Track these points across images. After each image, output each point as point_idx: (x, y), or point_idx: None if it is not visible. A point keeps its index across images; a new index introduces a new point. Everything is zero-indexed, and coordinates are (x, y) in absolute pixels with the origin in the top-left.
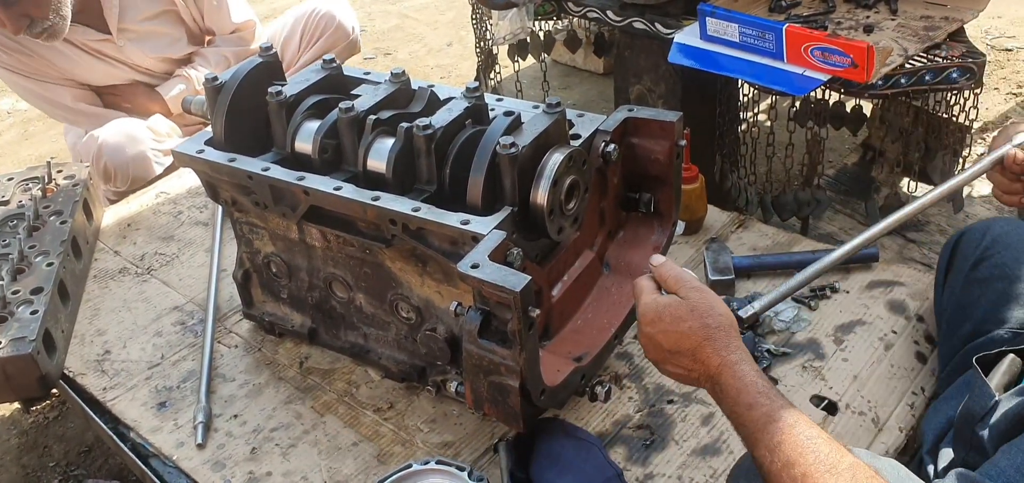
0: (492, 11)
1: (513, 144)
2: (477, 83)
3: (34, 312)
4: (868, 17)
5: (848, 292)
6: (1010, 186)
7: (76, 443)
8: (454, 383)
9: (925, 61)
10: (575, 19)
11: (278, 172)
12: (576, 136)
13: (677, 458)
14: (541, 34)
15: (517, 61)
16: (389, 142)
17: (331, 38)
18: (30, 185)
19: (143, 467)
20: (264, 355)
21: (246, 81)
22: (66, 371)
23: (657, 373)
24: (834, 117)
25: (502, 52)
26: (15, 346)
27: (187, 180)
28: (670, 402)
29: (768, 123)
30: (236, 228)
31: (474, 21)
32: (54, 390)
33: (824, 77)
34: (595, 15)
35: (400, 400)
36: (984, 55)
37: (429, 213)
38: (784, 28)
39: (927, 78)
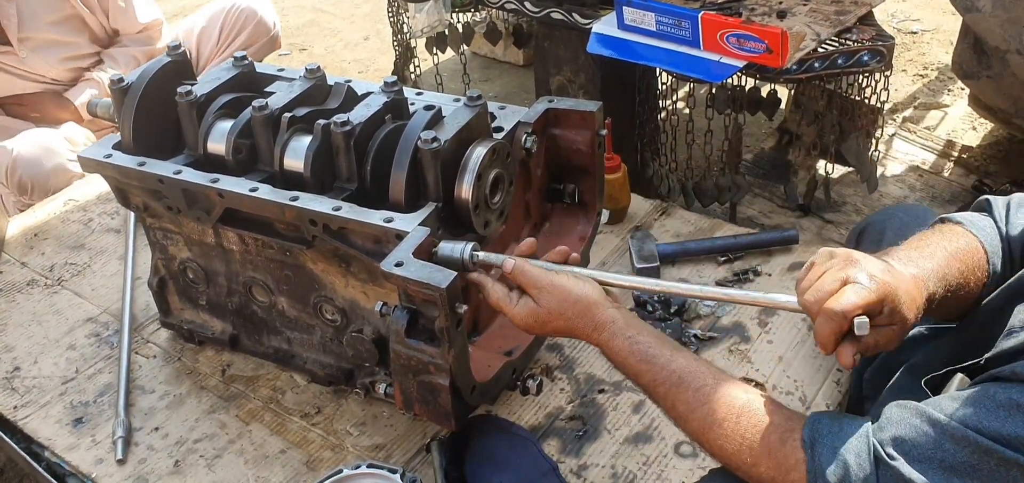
0: (409, 4)
1: (435, 139)
2: (395, 78)
3: None
4: (781, 3)
5: (770, 275)
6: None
7: None
8: (383, 385)
9: (837, 45)
10: (494, 11)
11: (190, 175)
12: (498, 129)
13: (610, 447)
14: (460, 26)
15: (436, 54)
16: (306, 140)
17: (251, 34)
18: None
19: None
20: (184, 364)
21: (154, 81)
22: None
23: (588, 364)
24: (750, 103)
25: (421, 45)
26: None
27: (96, 186)
28: (601, 391)
29: (687, 111)
30: (149, 235)
31: (391, 14)
32: None
33: (740, 63)
34: (513, 6)
35: (328, 404)
36: (893, 38)
37: (351, 212)
38: (700, 15)
39: (839, 62)
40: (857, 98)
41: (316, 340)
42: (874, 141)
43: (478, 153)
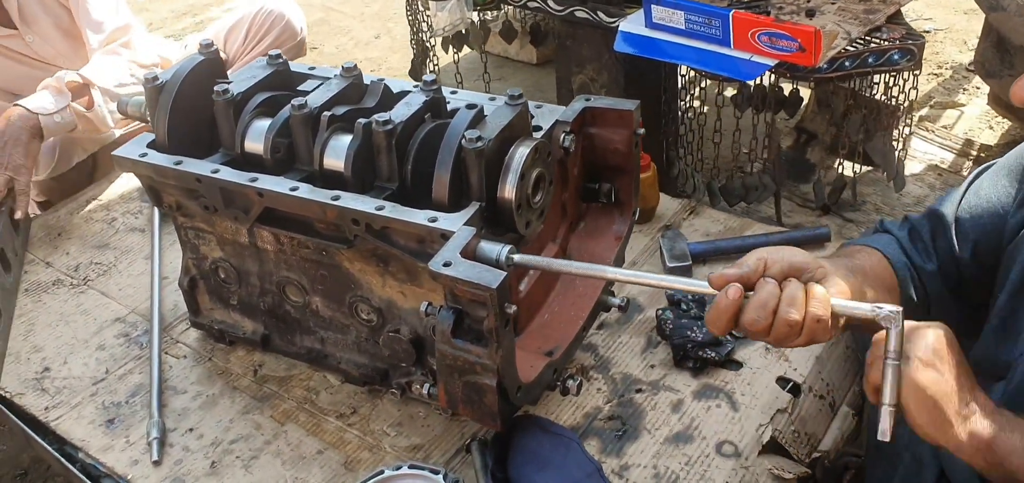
0: (430, 2)
1: (479, 138)
2: (434, 76)
3: None
4: (809, 1)
5: None
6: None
7: (10, 467)
8: (426, 385)
9: (867, 44)
10: (511, 9)
11: (228, 174)
12: (537, 128)
13: (651, 447)
14: (479, 25)
15: (456, 55)
16: (346, 139)
17: (278, 37)
18: None
19: None
20: (215, 365)
21: (188, 79)
22: (2, 391)
23: (624, 363)
24: (774, 102)
25: (436, 44)
26: None
27: (119, 186)
28: (639, 391)
29: (711, 110)
30: (181, 234)
31: (408, 13)
32: None
33: (771, 62)
34: (536, 4)
35: (363, 404)
36: (923, 37)
37: (394, 211)
38: (731, 14)
39: (870, 60)
40: (883, 97)
41: (350, 340)
42: (901, 140)
43: (521, 153)
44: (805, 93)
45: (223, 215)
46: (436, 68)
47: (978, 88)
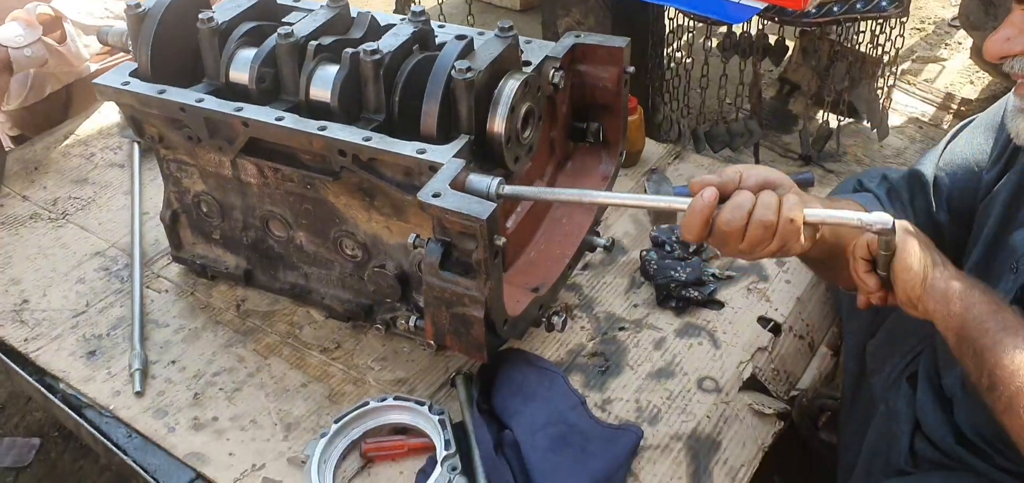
0: None
1: (470, 69)
2: (422, 8)
3: None
4: None
5: None
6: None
7: None
8: (413, 317)
9: None
10: None
11: (213, 103)
12: (526, 63)
13: (633, 382)
14: None
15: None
16: (333, 69)
17: None
18: None
19: (77, 419)
20: (198, 299)
21: (172, 8)
22: None
23: (608, 303)
24: (759, 49)
25: None
26: None
27: (97, 120)
28: (622, 329)
29: (697, 57)
30: (162, 166)
31: None
32: None
33: (760, 5)
34: None
35: (347, 339)
36: None
37: (382, 142)
38: None
39: (858, 6)
40: (868, 46)
41: (334, 275)
42: (886, 89)
43: (511, 86)
44: (790, 43)
45: (207, 146)
46: (441, 16)
47: (960, 43)
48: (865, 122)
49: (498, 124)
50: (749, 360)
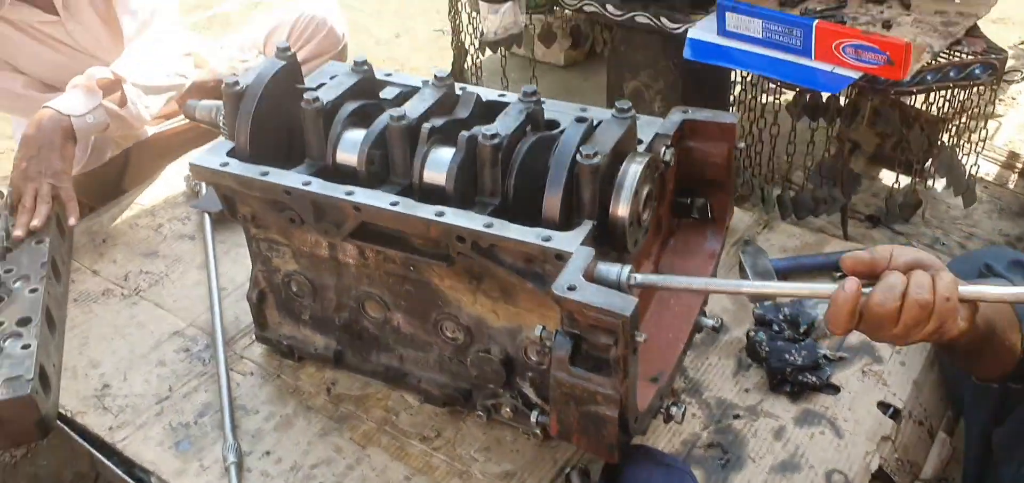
0: (481, 6)
1: (595, 154)
2: (534, 88)
3: (26, 347)
4: (882, 12)
5: None
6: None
7: None
8: (535, 413)
9: (950, 57)
10: (565, 12)
11: (322, 186)
12: (638, 141)
13: (757, 476)
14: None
15: (503, 54)
16: (447, 152)
17: (320, 44)
18: None
19: None
20: (285, 382)
21: (270, 85)
22: (63, 410)
23: (717, 387)
24: (826, 111)
25: (475, 46)
26: (10, 387)
27: (162, 189)
28: (736, 417)
29: (763, 120)
30: (251, 245)
31: (451, 15)
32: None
33: (855, 74)
34: (592, 9)
35: (447, 427)
36: (1005, 51)
37: (503, 229)
38: (814, 24)
39: (952, 74)
40: (947, 110)
41: (432, 358)
42: (975, 155)
43: (635, 169)
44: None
45: (312, 229)
46: (480, 70)
47: (1014, 98)
48: (938, 186)
49: (622, 208)
50: (875, 450)
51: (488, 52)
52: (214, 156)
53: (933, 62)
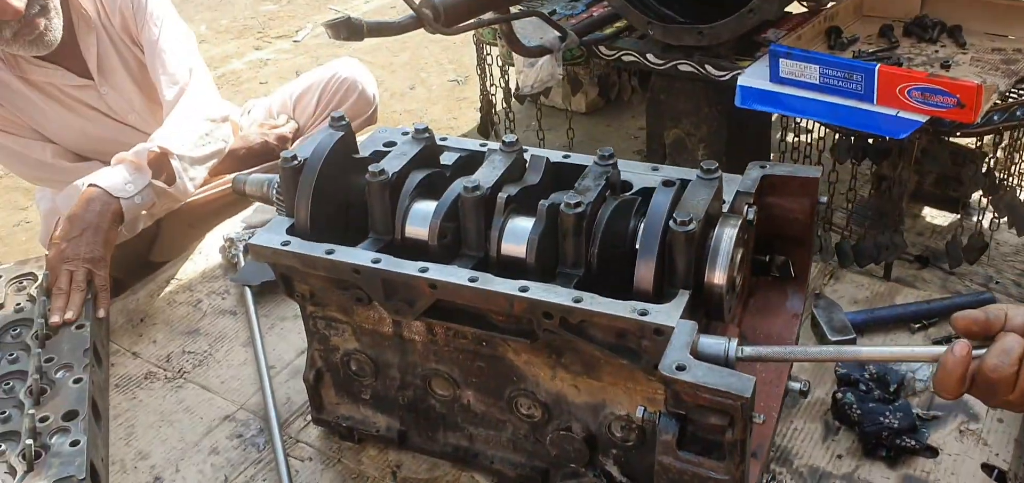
0: (517, 60)
1: (690, 220)
2: (610, 150)
3: (75, 443)
4: (937, 51)
5: None
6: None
7: None
8: None
9: (1017, 96)
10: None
11: (392, 263)
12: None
13: None
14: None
15: (538, 109)
16: (525, 222)
17: (352, 107)
18: (24, 282)
19: None
20: (347, 467)
21: (330, 158)
22: None
23: (807, 454)
24: (876, 152)
25: (501, 98)
26: None
27: (199, 263)
28: None
29: (818, 162)
30: (308, 324)
31: (479, 68)
32: None
33: (923, 118)
34: (631, 59)
35: None
36: None
37: (595, 304)
38: (877, 69)
39: (1019, 113)
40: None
41: (506, 437)
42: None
43: (729, 234)
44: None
45: (385, 308)
46: (512, 123)
47: None
48: (994, 224)
49: (718, 276)
50: None
51: (515, 102)
52: (274, 235)
53: (999, 102)
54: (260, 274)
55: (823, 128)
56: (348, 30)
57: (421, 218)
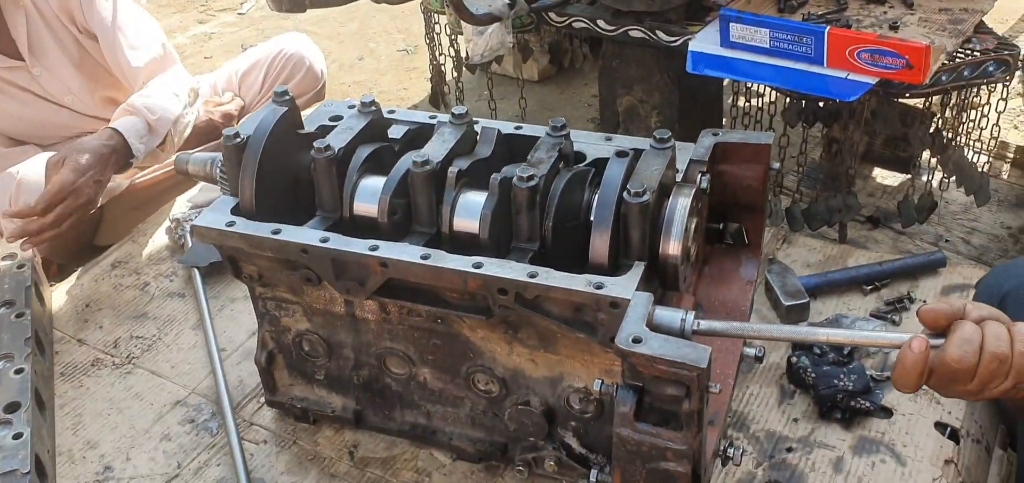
0: (466, 29)
1: (644, 190)
2: (563, 121)
3: (18, 436)
4: (885, 13)
5: (924, 301)
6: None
7: None
8: (594, 471)
9: (965, 56)
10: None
11: (341, 242)
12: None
13: None
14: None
15: (488, 77)
16: (478, 197)
17: (299, 84)
18: None
19: None
20: (303, 448)
21: (273, 135)
22: None
23: (763, 419)
24: (827, 115)
25: (451, 68)
26: None
27: (144, 245)
28: (789, 450)
29: (769, 127)
30: (258, 305)
31: (428, 38)
32: None
33: (872, 80)
34: (582, 25)
35: None
36: (1017, 46)
37: (550, 278)
38: (826, 31)
39: (966, 73)
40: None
41: (464, 413)
42: (988, 153)
43: (683, 204)
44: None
45: (335, 287)
46: (461, 92)
47: (993, 88)
48: (944, 184)
49: (673, 246)
50: (941, 475)
51: (465, 72)
52: (218, 215)
53: (947, 62)
54: (208, 255)
55: (774, 92)
56: (291, 1)
57: (370, 194)
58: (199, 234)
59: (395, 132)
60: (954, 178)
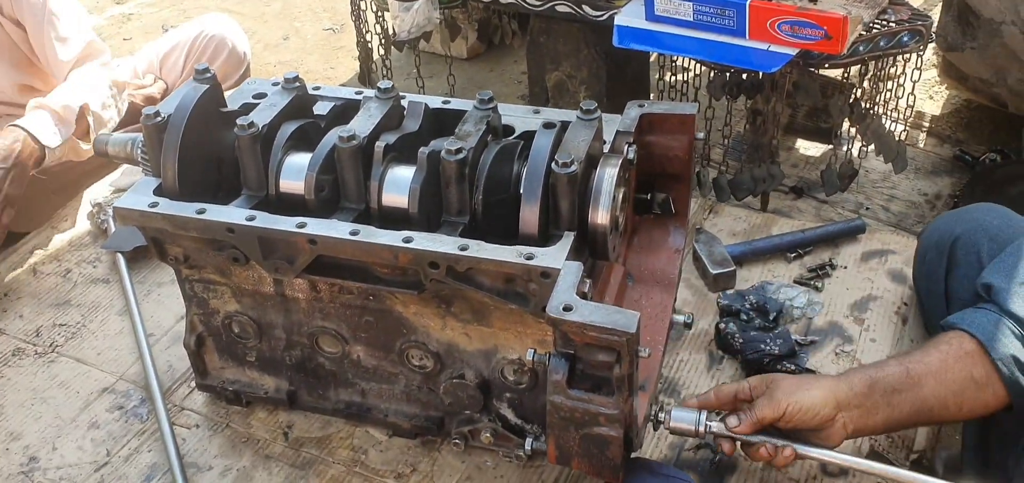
0: (392, 4)
1: (572, 161)
2: (490, 93)
3: None
4: None
5: (846, 267)
6: None
7: None
8: (529, 440)
9: (882, 27)
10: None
11: (268, 220)
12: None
13: (755, 472)
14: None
15: (416, 54)
16: (406, 172)
17: (222, 66)
18: None
19: None
20: (236, 431)
21: (195, 113)
22: None
23: (693, 384)
24: (750, 87)
25: (379, 46)
26: None
27: (65, 231)
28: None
29: (694, 100)
30: (185, 287)
31: (354, 15)
32: None
33: (792, 51)
34: (509, 1)
35: (421, 460)
36: (930, 17)
37: (481, 251)
38: (747, 4)
39: (882, 44)
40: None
41: (399, 390)
42: (904, 121)
43: (610, 173)
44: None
45: (263, 267)
46: (388, 71)
47: (908, 58)
48: (863, 153)
49: (601, 216)
50: None
51: (394, 50)
52: (140, 196)
53: (863, 33)
54: (132, 239)
55: (700, 66)
56: None
57: (296, 171)
58: (121, 216)
59: (321, 109)
60: (873, 147)
